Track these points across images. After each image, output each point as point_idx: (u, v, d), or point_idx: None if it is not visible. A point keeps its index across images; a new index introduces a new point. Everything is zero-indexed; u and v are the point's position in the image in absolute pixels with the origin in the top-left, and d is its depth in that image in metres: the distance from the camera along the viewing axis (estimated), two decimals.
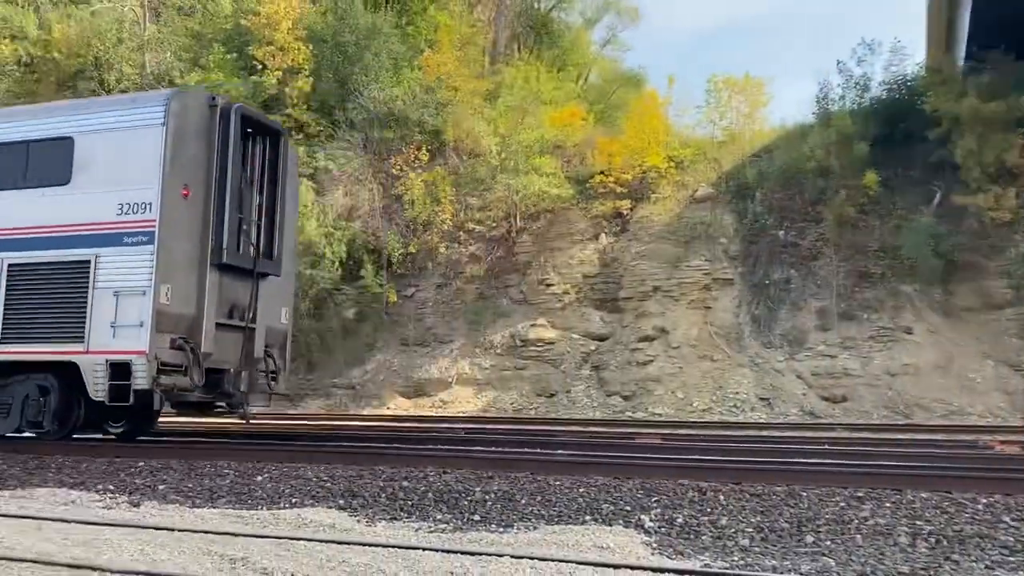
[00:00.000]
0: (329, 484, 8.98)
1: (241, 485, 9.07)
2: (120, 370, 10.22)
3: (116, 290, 10.34)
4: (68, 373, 10.64)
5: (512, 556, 6.18)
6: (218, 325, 10.95)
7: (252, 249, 11.33)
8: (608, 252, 25.97)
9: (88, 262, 10.55)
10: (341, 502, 8.37)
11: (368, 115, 27.50)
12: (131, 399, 10.22)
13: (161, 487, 9.17)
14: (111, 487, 9.27)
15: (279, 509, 8.21)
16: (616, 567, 5.94)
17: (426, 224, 26.66)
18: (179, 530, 7.10)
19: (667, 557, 6.50)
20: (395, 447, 11.48)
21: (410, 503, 8.25)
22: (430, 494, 8.44)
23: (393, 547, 6.57)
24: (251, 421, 12.77)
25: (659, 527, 7.30)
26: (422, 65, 28.77)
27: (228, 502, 8.59)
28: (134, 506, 8.43)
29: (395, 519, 7.88)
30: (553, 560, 6.08)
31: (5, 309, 10.90)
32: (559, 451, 11.08)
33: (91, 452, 10.84)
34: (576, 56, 37.71)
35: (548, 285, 25.72)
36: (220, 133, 10.94)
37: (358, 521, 7.77)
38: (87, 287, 10.47)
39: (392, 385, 25.15)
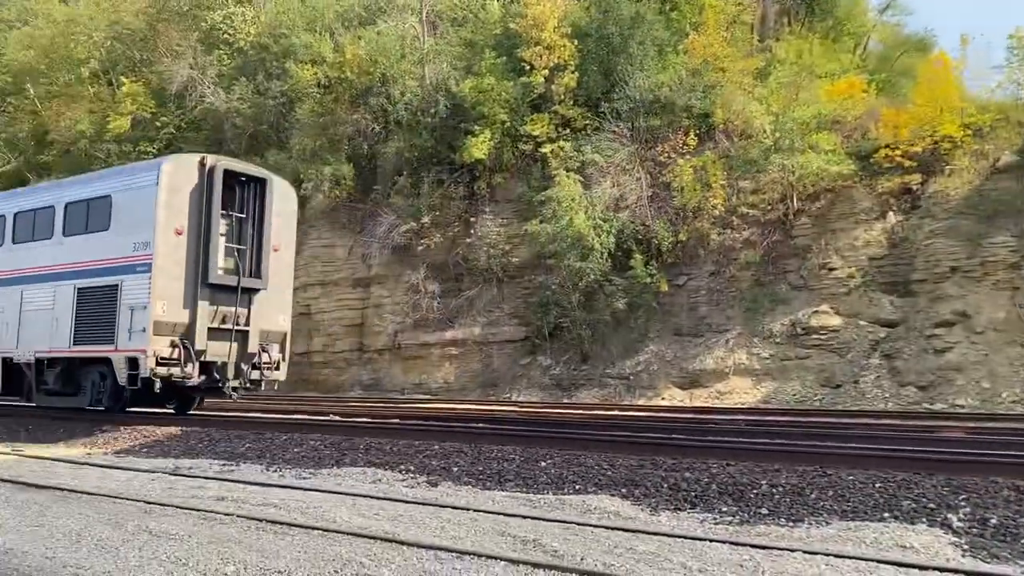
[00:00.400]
0: (610, 472, 9.14)
1: (527, 470, 9.50)
2: (133, 363, 13.49)
3: (131, 306, 13.69)
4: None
5: (805, 552, 5.93)
6: (210, 330, 13.95)
7: (238, 270, 14.36)
8: (897, 231, 24.01)
9: (117, 286, 14.06)
10: (623, 490, 8.49)
11: (634, 104, 27.55)
12: (139, 384, 13.55)
13: (455, 469, 9.84)
14: (411, 468, 10.10)
15: (564, 495, 8.50)
16: (923, 568, 5.51)
17: (696, 211, 26.21)
18: (474, 510, 7.59)
19: (981, 560, 5.92)
20: (673, 438, 11.43)
21: (693, 494, 8.19)
22: (714, 486, 8.32)
23: (679, 537, 6.56)
24: (527, 409, 14.44)
25: (969, 527, 6.67)
26: (687, 49, 28.29)
27: (516, 486, 9.03)
28: (432, 486, 9.13)
29: (679, 509, 7.86)
30: (851, 558, 5.76)
31: (76, 320, 14.66)
32: (850, 444, 10.46)
33: (390, 435, 11.91)
34: (852, 24, 35.16)
35: (830, 269, 24.31)
36: (207, 185, 13.94)
37: (641, 510, 7.85)
38: (116, 304, 13.92)
39: (666, 375, 25.03)
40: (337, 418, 15.40)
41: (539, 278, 27.65)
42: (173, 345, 13.58)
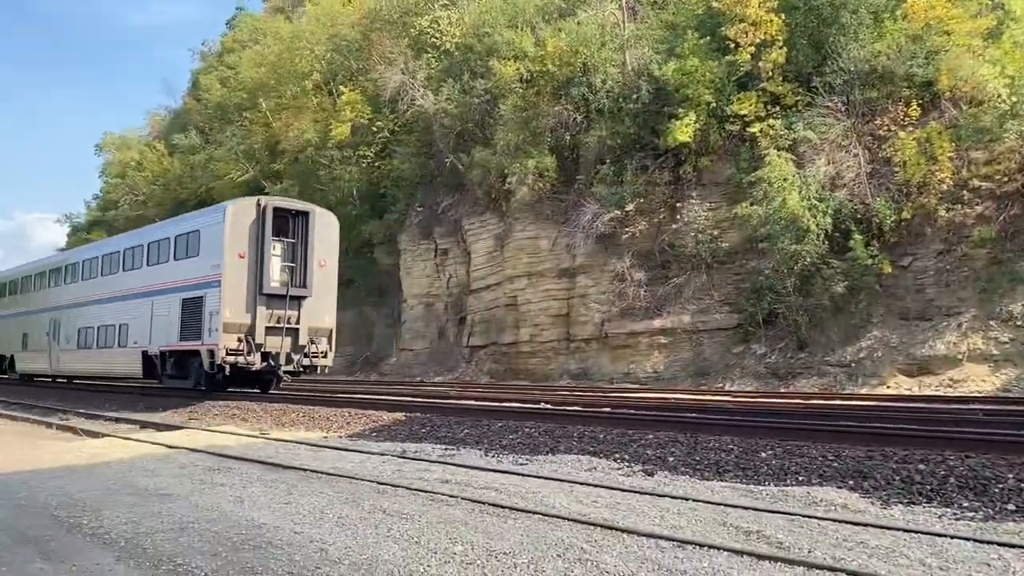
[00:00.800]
0: (835, 463, 8.72)
1: (746, 460, 9.26)
2: (211, 354, 18.24)
3: (210, 312, 18.34)
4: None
5: None
6: (267, 328, 18.51)
7: (289, 282, 18.90)
8: None
9: (202, 297, 18.87)
10: (851, 482, 8.08)
11: (848, 77, 25.95)
12: (215, 370, 18.35)
13: (671, 459, 9.77)
14: (626, 456, 10.13)
15: (786, 486, 8.21)
16: None
17: (921, 186, 24.29)
18: (693, 500, 7.50)
19: None
20: (903, 428, 10.71)
21: (928, 487, 7.66)
22: (951, 479, 7.74)
23: (914, 532, 6.16)
24: (741, 399, 14.95)
25: None
26: (906, 14, 26.22)
27: (735, 476, 8.83)
28: (648, 475, 9.12)
29: (912, 503, 7.38)
30: None
31: (181, 322, 19.63)
32: None
33: (602, 424, 12.00)
34: None
35: None
36: (261, 220, 18.48)
37: (871, 503, 7.43)
38: (202, 310, 18.65)
39: (891, 362, 23.43)
40: (548, 406, 15.72)
41: (751, 263, 26.75)
42: (239, 340, 18.19)
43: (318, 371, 19.91)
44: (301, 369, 19.34)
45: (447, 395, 18.79)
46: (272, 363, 18.79)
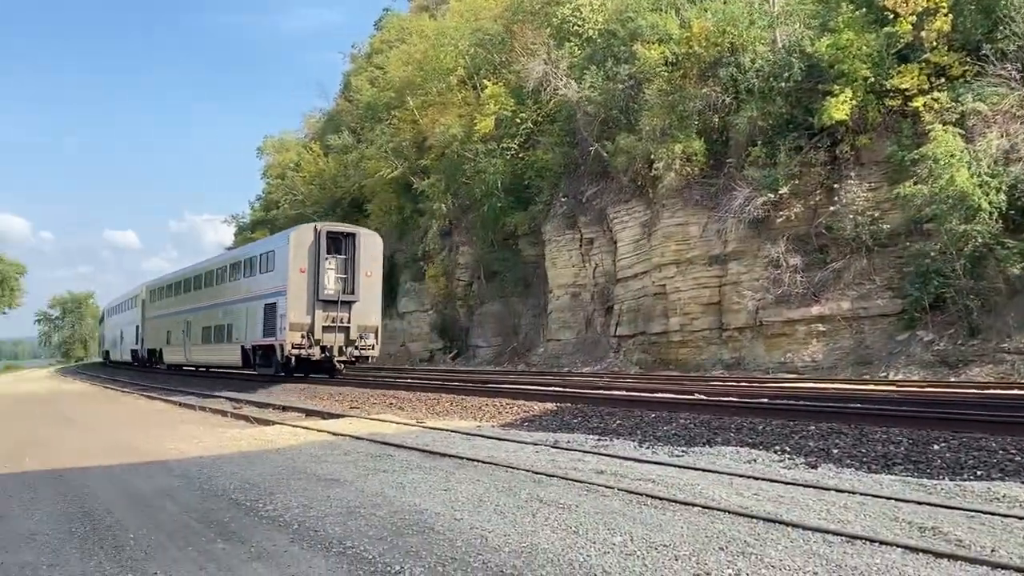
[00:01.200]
0: (1019, 458, 8.13)
1: (917, 453, 8.78)
2: (282, 348, 23.20)
3: (280, 315, 23.31)
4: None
5: None
6: (324, 327, 23.33)
7: (341, 290, 23.85)
8: None
9: (276, 303, 23.96)
10: None
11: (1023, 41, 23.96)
12: (283, 360, 23.60)
13: (835, 451, 9.38)
14: (787, 448, 9.81)
15: (963, 480, 7.72)
16: None
17: None
18: (860, 494, 7.18)
19: None
20: None
21: None
22: None
23: None
24: (908, 388, 14.83)
25: None
26: None
27: (905, 470, 8.38)
28: (811, 467, 8.79)
29: None
30: None
31: (263, 323, 24.69)
32: None
33: (761, 415, 11.65)
34: None
35: None
36: (317, 241, 23.43)
37: None
38: (276, 314, 23.62)
39: None
40: (703, 397, 15.43)
41: (915, 245, 25.19)
42: (302, 336, 23.29)
43: (368, 360, 25.19)
44: (353, 359, 24.64)
45: (596, 385, 18.77)
46: (328, 354, 24.02)
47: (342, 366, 24.86)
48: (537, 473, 8.74)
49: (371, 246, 25.25)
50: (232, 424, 16.34)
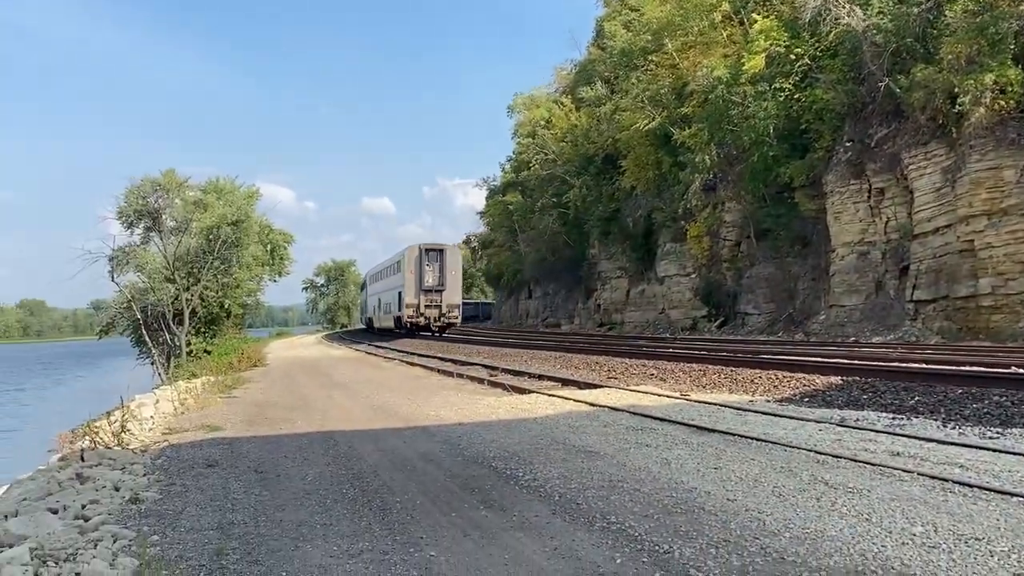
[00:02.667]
0: None
1: None
2: (401, 319, 43.95)
3: (401, 299, 43.68)
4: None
5: None
6: (425, 305, 42.22)
7: (435, 283, 42.44)
8: None
9: (401, 291, 44.17)
10: None
11: None
12: (404, 327, 44.29)
13: None
14: None
15: None
16: None
17: None
18: None
19: None
20: None
21: None
22: None
23: None
24: None
25: None
26: None
27: None
28: None
29: None
30: None
31: (397, 303, 45.34)
32: None
33: None
34: None
35: None
36: (420, 253, 42.46)
37: None
38: (400, 298, 43.96)
39: None
40: (1022, 371, 13.99)
41: None
42: (413, 311, 40.74)
43: (453, 325, 44.08)
44: (445, 324, 43.23)
45: (889, 357, 17.61)
46: (428, 321, 42.35)
47: (436, 330, 43.87)
48: (820, 453, 8.39)
49: (453, 255, 44.91)
50: (488, 392, 17.17)
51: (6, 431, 33.43)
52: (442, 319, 43.10)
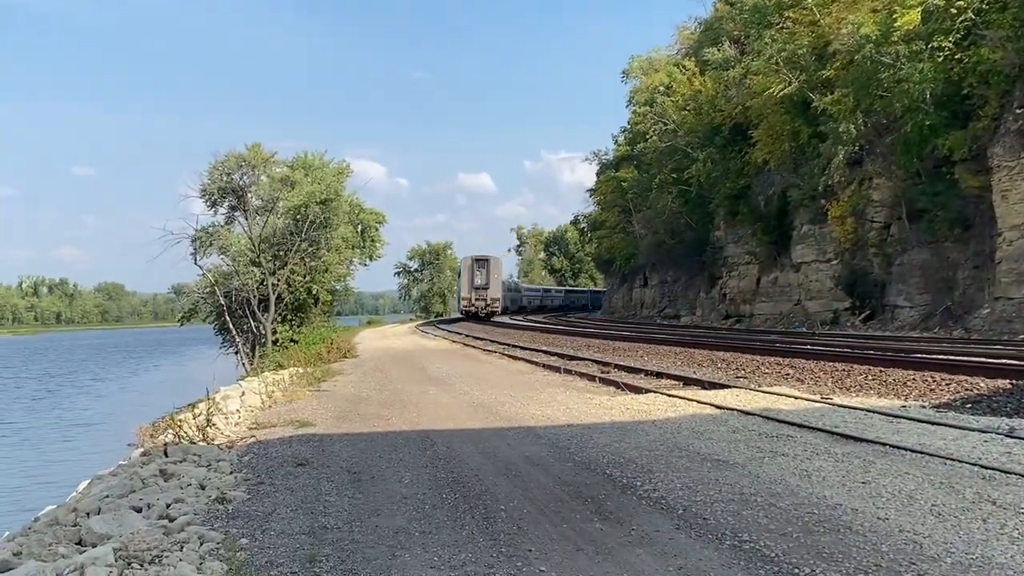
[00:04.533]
0: None
1: None
2: (460, 307, 75.24)
3: (459, 293, 74.92)
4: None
5: None
6: (474, 299, 69.25)
7: (482, 282, 69.06)
8: None
9: (460, 289, 76.02)
10: None
11: None
12: (462, 312, 73.65)
13: None
14: None
15: None
16: None
17: None
18: None
19: None
20: None
21: None
22: None
23: None
24: None
25: None
26: None
27: None
28: None
29: None
30: None
31: (459, 297, 75.28)
32: None
33: None
34: None
35: None
36: (472, 262, 70.44)
37: None
38: (459, 293, 75.74)
39: None
40: None
41: None
42: (466, 302, 68.35)
43: (497, 312, 68.95)
44: (489, 312, 67.16)
45: None
46: (476, 310, 66.71)
47: (484, 315, 65.58)
48: (986, 468, 8.10)
49: (496, 263, 68.66)
50: (600, 390, 17.15)
51: (85, 425, 35.12)
52: (487, 308, 68.23)
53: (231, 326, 48.32)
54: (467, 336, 43.37)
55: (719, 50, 55.27)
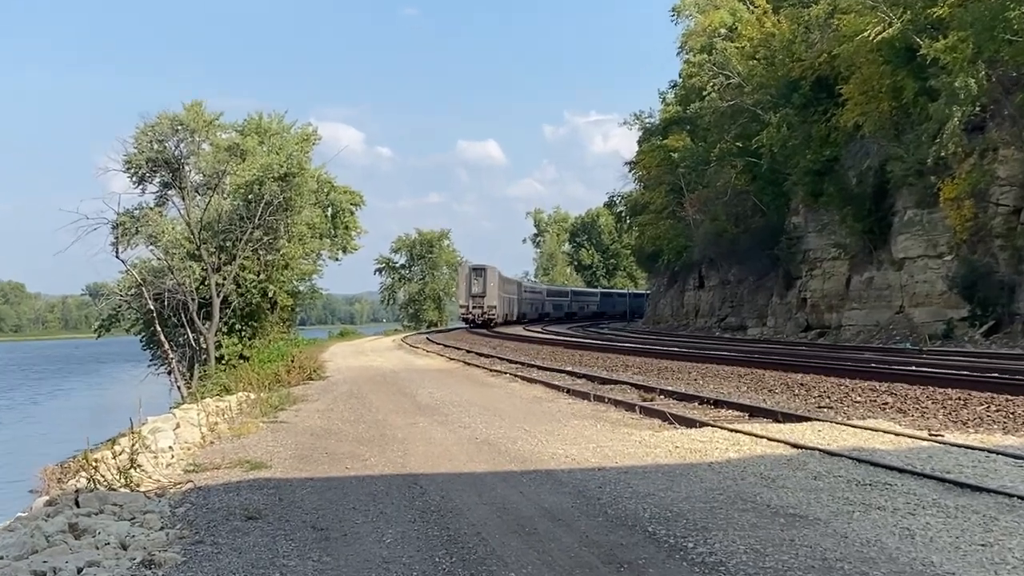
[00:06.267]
0: None
1: None
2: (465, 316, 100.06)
3: (459, 302, 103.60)
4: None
5: None
6: (472, 306, 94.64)
7: (479, 290, 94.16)
8: None
9: (459, 296, 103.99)
10: None
11: None
12: (461, 318, 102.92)
13: None
14: None
15: None
16: None
17: None
18: None
19: None
20: None
21: None
22: None
23: None
24: None
25: None
26: None
27: None
28: None
29: None
30: None
31: (459, 304, 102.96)
32: None
33: None
34: None
35: None
36: (469, 271, 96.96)
37: None
38: (459, 300, 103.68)
39: None
40: None
41: None
42: (464, 310, 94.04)
43: (495, 319, 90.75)
44: (486, 319, 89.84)
45: None
46: (473, 318, 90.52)
47: (480, 323, 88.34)
48: None
49: (492, 272, 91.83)
50: (641, 423, 17.15)
51: None
52: (483, 316, 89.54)
53: (163, 338, 48.19)
54: (468, 352, 43.54)
55: None
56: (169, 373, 49.09)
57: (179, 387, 45.75)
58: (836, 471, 11.15)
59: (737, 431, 14.72)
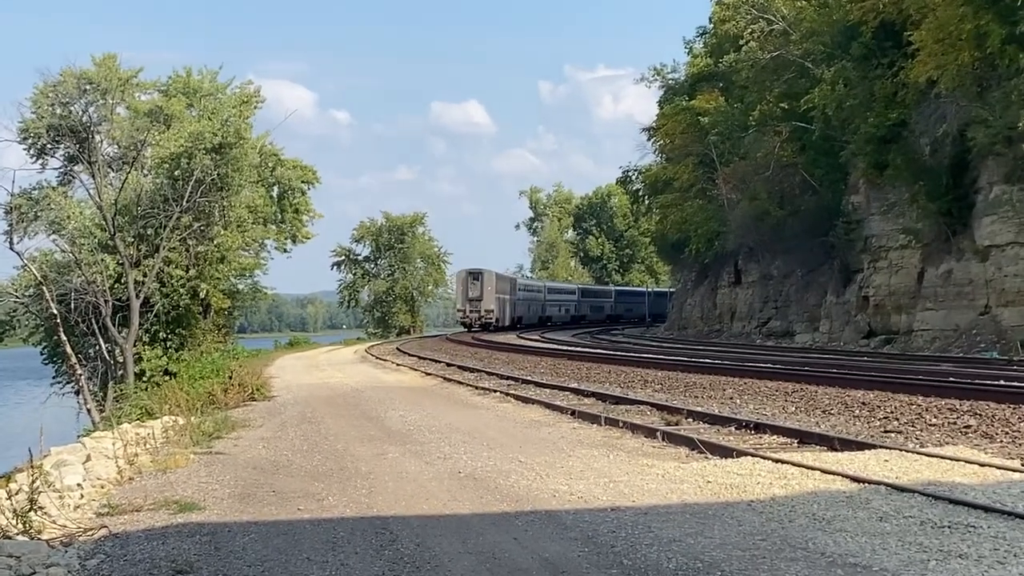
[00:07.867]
0: None
1: None
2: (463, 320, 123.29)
3: (457, 306, 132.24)
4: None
5: None
6: (470, 310, 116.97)
7: (476, 294, 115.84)
8: None
9: (457, 301, 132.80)
10: None
11: None
12: (459, 322, 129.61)
13: None
14: None
15: None
16: None
17: None
18: None
19: None
20: None
21: None
22: None
23: None
24: None
25: None
26: None
27: None
28: None
29: None
30: None
31: (458, 308, 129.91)
32: None
33: None
34: None
35: None
36: (466, 276, 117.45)
37: None
38: (456, 305, 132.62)
39: None
40: None
41: None
42: (463, 314, 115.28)
43: (492, 323, 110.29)
44: (484, 322, 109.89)
45: None
46: (470, 321, 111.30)
47: (479, 327, 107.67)
48: None
49: (489, 276, 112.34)
50: (664, 451, 17.15)
51: None
52: (480, 319, 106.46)
53: (69, 349, 47.73)
54: (448, 366, 43.60)
55: None
56: (77, 393, 48.63)
57: (89, 410, 45.46)
58: (907, 510, 11.16)
59: (784, 462, 14.72)
